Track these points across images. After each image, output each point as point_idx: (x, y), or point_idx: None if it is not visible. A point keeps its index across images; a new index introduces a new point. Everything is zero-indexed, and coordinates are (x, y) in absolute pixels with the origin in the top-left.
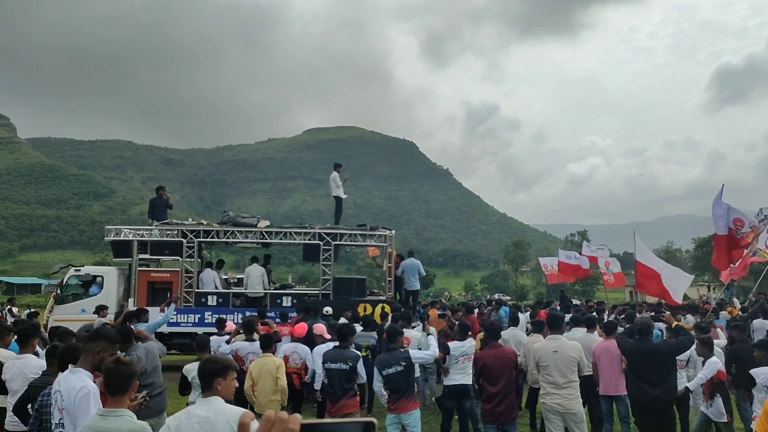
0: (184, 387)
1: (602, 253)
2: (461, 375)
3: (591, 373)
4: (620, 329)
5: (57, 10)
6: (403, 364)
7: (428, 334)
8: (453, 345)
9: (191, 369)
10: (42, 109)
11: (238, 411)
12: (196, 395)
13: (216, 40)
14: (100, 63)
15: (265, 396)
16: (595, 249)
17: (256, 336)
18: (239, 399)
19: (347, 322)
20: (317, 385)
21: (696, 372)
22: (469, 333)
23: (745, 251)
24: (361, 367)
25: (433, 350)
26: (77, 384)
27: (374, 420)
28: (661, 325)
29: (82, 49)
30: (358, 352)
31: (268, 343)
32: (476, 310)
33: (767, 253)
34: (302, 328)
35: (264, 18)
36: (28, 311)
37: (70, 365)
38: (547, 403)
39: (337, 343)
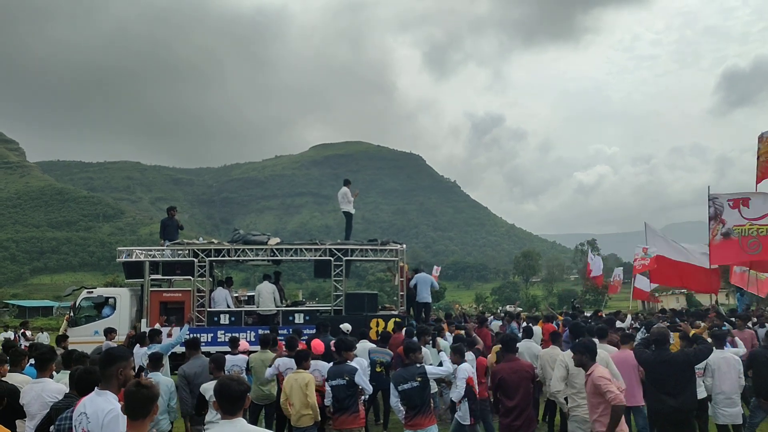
0: (202, 406)
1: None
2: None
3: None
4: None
5: (59, 29)
6: (419, 379)
7: (439, 351)
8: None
9: (208, 388)
10: (50, 132)
11: None
12: (213, 415)
13: (216, 56)
14: (104, 82)
15: (297, 411)
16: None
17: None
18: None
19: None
20: (327, 401)
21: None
22: (478, 347)
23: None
24: (360, 379)
25: (447, 366)
26: (105, 406)
27: None
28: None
29: (85, 68)
30: (355, 366)
31: (300, 360)
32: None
33: None
34: (320, 344)
35: (263, 33)
36: (50, 334)
37: (96, 387)
38: (579, 415)
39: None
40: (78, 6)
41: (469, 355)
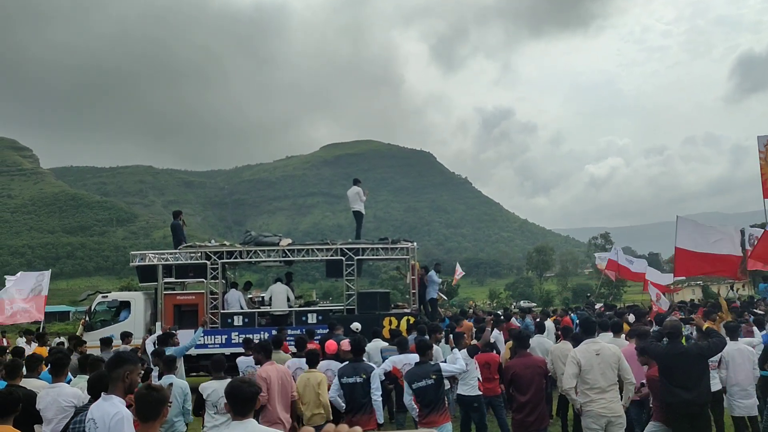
0: (199, 406)
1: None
2: (464, 387)
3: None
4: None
5: (58, 32)
6: (434, 377)
7: (452, 348)
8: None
9: (207, 387)
10: (60, 137)
11: None
12: (217, 417)
13: (217, 55)
14: (106, 84)
15: (309, 410)
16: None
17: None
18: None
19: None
20: (331, 396)
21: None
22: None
23: None
24: (375, 379)
25: (461, 364)
26: (111, 410)
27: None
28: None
29: (86, 71)
30: (373, 365)
31: (312, 360)
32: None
33: None
34: (333, 344)
35: (265, 30)
36: (59, 339)
37: (102, 393)
38: (593, 410)
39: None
40: (77, 8)
41: (461, 353)
